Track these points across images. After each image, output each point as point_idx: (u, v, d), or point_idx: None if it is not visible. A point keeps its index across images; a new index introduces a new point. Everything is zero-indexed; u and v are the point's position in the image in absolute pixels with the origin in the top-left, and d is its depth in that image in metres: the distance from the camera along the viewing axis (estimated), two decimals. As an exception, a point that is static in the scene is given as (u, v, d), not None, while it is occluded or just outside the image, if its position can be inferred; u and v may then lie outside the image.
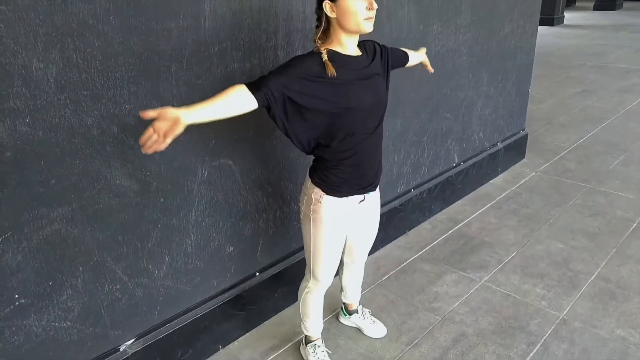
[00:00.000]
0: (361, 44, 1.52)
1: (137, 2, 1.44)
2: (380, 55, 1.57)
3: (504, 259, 2.64)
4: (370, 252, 1.84)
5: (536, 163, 3.90)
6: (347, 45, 1.44)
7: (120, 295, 1.69)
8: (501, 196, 3.36)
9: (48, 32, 1.29)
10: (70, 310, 1.57)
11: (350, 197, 1.61)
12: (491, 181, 3.59)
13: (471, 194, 3.40)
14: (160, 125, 1.15)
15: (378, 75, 1.53)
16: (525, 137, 3.92)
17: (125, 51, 1.45)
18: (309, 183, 1.62)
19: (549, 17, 11.63)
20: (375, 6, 1.39)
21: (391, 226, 2.78)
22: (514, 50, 3.40)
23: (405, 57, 1.83)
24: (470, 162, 3.31)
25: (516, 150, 3.84)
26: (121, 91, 1.48)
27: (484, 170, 3.49)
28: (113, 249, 1.62)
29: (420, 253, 2.72)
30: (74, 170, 1.45)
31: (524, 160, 3.96)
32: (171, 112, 1.15)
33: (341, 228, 1.66)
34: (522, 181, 3.58)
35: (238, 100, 1.30)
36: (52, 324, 1.54)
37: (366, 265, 2.10)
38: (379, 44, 1.61)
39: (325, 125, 1.46)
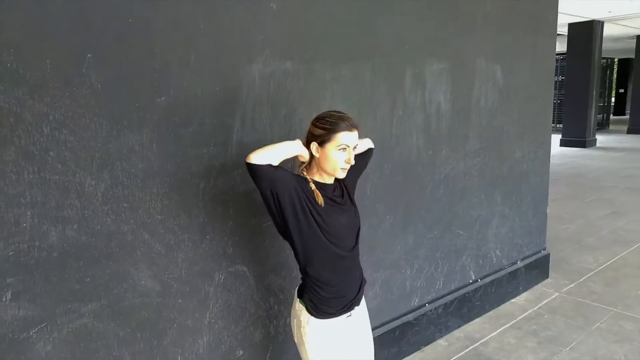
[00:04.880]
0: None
1: (177, 133, 1.78)
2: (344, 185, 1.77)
3: (520, 383, 2.56)
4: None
5: (561, 284, 3.85)
6: (325, 177, 1.70)
7: (132, 392, 1.80)
8: (522, 316, 3.32)
9: (102, 156, 1.61)
10: (84, 402, 1.69)
11: (338, 318, 1.68)
12: (513, 300, 3.56)
13: (491, 312, 3.37)
14: None
15: (348, 203, 1.75)
16: (547, 256, 3.93)
17: (163, 172, 1.76)
18: (297, 303, 1.71)
19: (581, 140, 11.92)
20: (352, 162, 1.63)
21: (404, 341, 2.79)
22: (527, 173, 3.59)
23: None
24: (488, 279, 3.35)
25: (538, 269, 3.84)
26: (155, 204, 1.76)
27: (504, 288, 3.49)
28: (131, 345, 1.78)
29: (434, 371, 2.69)
30: (107, 270, 1.68)
31: (548, 280, 3.93)
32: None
33: (339, 348, 1.69)
34: (545, 301, 3.53)
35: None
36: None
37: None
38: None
39: (306, 232, 1.62)
